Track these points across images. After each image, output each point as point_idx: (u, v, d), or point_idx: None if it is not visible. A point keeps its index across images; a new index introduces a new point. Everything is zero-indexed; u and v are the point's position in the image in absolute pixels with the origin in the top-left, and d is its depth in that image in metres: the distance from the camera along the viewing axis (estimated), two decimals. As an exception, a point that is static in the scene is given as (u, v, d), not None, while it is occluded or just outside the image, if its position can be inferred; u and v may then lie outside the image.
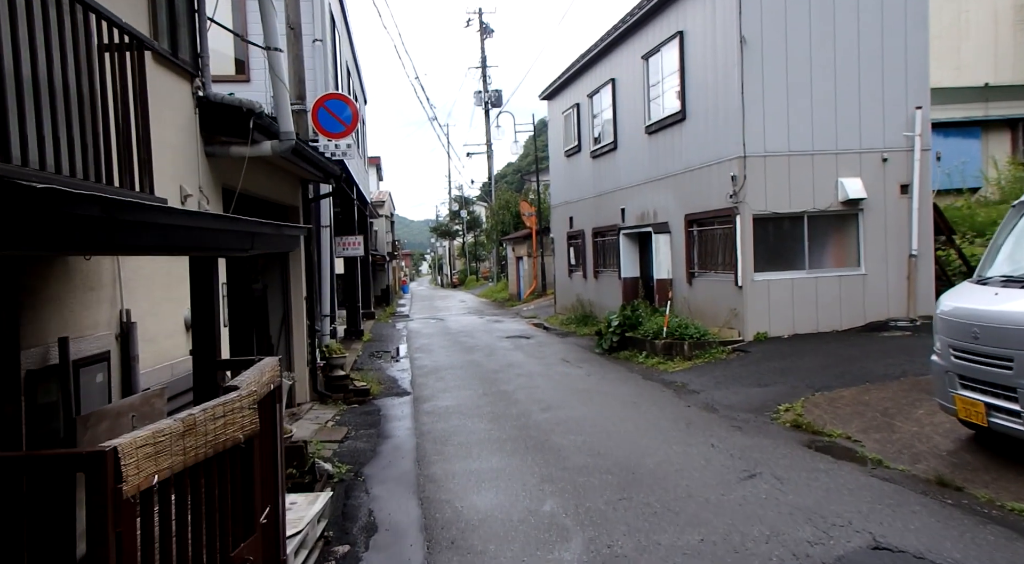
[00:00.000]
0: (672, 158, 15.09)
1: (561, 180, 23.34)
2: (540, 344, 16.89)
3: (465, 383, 11.87)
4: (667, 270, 15.41)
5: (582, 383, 11.32)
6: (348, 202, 18.78)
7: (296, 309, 10.41)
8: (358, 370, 13.72)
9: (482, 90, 43.40)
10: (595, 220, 19.96)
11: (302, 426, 9.06)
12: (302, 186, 10.62)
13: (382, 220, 43.88)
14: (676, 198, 14.99)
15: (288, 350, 10.42)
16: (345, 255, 18.70)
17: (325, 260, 12.04)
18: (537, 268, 31.12)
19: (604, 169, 19.19)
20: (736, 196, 12.57)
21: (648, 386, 10.76)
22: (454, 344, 17.67)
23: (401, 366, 14.35)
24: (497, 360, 14.35)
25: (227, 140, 6.77)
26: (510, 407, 9.70)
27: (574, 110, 21.26)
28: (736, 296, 12.77)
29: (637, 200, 17.02)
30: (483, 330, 21.04)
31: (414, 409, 10.06)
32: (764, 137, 12.47)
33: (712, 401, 9.27)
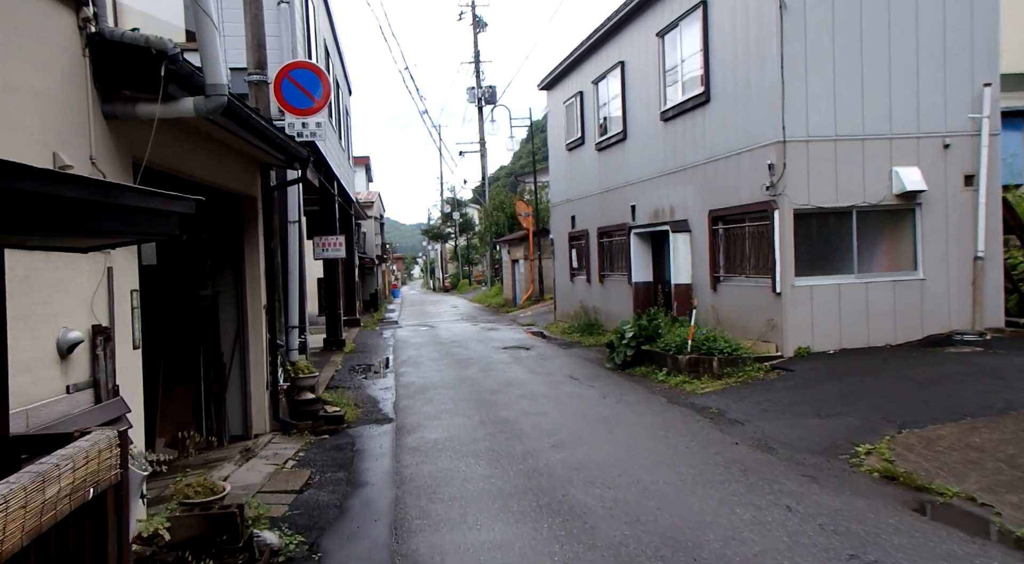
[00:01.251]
0: (692, 147, 13.31)
1: (562, 176, 21.55)
2: (541, 357, 15.07)
3: (458, 407, 10.04)
4: (687, 274, 13.63)
5: (596, 408, 9.50)
6: (328, 198, 16.94)
7: (253, 321, 8.57)
8: (334, 388, 11.87)
9: (475, 86, 41.65)
10: (601, 219, 18.17)
11: (253, 469, 7.21)
12: (262, 172, 8.79)
13: (371, 222, 42.04)
14: (697, 192, 13.21)
15: (243, 370, 8.58)
16: (325, 257, 16.87)
17: (293, 262, 10.21)
18: (534, 272, 29.31)
19: (611, 162, 17.40)
20: (774, 188, 10.80)
21: (677, 413, 8.95)
22: (445, 356, 15.83)
23: (385, 383, 12.50)
24: (494, 377, 12.52)
25: (134, 95, 4.95)
26: (513, 442, 7.87)
27: (577, 99, 19.47)
28: (773, 304, 10.99)
29: (650, 196, 15.23)
30: (477, 339, 19.20)
31: (396, 443, 8.23)
32: (807, 118, 10.71)
33: (764, 436, 7.47)
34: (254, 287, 8.58)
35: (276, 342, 8.92)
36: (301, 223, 10.52)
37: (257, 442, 8.33)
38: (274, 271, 9.08)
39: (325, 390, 11.64)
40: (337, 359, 15.39)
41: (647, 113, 15.20)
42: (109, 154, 4.93)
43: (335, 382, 12.61)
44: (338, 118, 18.51)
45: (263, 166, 8.79)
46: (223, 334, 8.58)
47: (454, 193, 68.35)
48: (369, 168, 53.55)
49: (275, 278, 9.12)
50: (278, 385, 8.83)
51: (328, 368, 13.97)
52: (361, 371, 14.05)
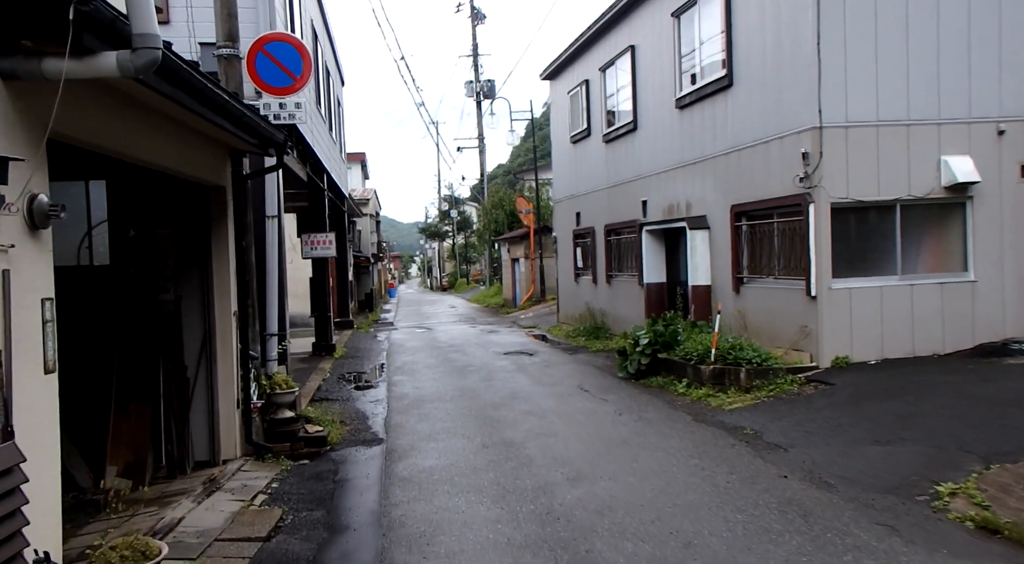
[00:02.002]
0: (712, 136, 12.20)
1: (566, 171, 20.43)
2: (546, 363, 13.95)
3: (456, 424, 8.92)
4: (705, 275, 12.52)
5: (614, 427, 8.39)
6: (317, 193, 15.81)
7: (222, 329, 7.45)
8: (319, 402, 10.75)
9: (473, 80, 40.49)
10: (608, 215, 17.05)
11: (214, 508, 6.09)
12: (232, 159, 7.66)
13: (366, 219, 40.92)
14: (718, 185, 12.09)
15: (210, 386, 7.45)
16: (314, 256, 15.75)
17: (271, 262, 9.08)
18: (535, 271, 28.20)
19: (620, 155, 16.29)
20: (808, 179, 9.69)
21: (707, 434, 7.83)
22: (443, 363, 14.71)
23: (375, 395, 11.37)
24: (496, 387, 11.40)
25: (39, 48, 3.81)
26: (521, 472, 6.75)
27: (582, 89, 18.35)
28: (807, 309, 9.88)
29: (664, 190, 14.12)
30: (476, 343, 18.08)
31: (385, 472, 7.10)
32: (846, 102, 9.60)
33: (815, 467, 6.36)
34: (223, 290, 7.45)
35: (249, 353, 7.79)
36: (281, 218, 9.40)
37: (225, 470, 7.20)
38: (247, 272, 7.95)
39: (309, 403, 10.52)
40: (326, 366, 14.27)
41: (660, 101, 14.08)
42: (8, 125, 3.80)
43: (321, 393, 11.48)
44: (328, 108, 17.38)
45: (234, 153, 7.66)
46: (187, 344, 7.45)
47: (452, 191, 67.31)
48: (365, 165, 52.41)
49: (248, 280, 7.99)
50: (251, 403, 7.70)
51: (315, 377, 12.84)
52: (351, 380, 12.92)
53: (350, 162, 47.98)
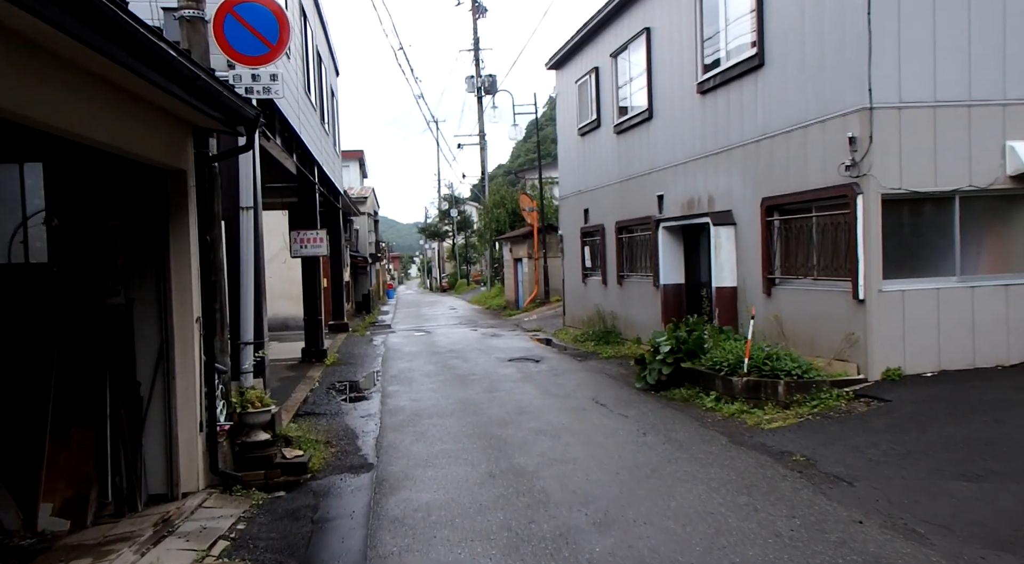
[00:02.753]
0: (740, 122, 11.07)
1: (573, 165, 19.29)
2: (555, 372, 12.81)
3: (458, 446, 7.78)
4: (731, 276, 11.39)
5: (640, 451, 7.25)
6: (307, 187, 14.69)
7: (183, 338, 6.32)
8: (304, 417, 9.62)
9: (474, 75, 39.35)
10: (620, 212, 15.92)
11: (161, 561, 4.95)
12: (196, 139, 6.53)
13: (364, 218, 39.80)
14: (746, 177, 10.97)
15: (168, 405, 6.32)
16: (304, 255, 14.65)
17: (246, 260, 7.95)
18: (539, 271, 27.07)
19: (633, 147, 15.16)
20: (856, 167, 8.56)
21: (750, 461, 6.70)
22: (442, 370, 13.57)
23: (368, 408, 10.24)
24: (501, 400, 10.27)
25: None
26: (537, 513, 5.62)
27: (591, 77, 17.22)
28: (853, 313, 8.76)
29: (683, 183, 12.99)
30: (478, 348, 16.94)
31: (373, 509, 5.97)
32: (899, 79, 8.47)
33: (894, 510, 5.22)
34: (183, 293, 6.32)
35: (216, 366, 6.66)
36: (258, 210, 8.27)
37: (183, 506, 6.06)
38: (214, 271, 6.82)
39: (293, 418, 9.39)
40: (315, 374, 13.13)
41: (679, 86, 12.95)
42: None
43: (307, 406, 10.34)
44: (320, 96, 16.26)
45: (198, 132, 6.53)
46: (140, 357, 6.32)
47: (452, 190, 66.18)
48: (363, 163, 51.27)
49: (216, 280, 6.86)
50: (217, 424, 6.56)
51: (301, 387, 11.71)
52: (341, 391, 11.78)
53: (347, 160, 46.87)
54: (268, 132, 9.68)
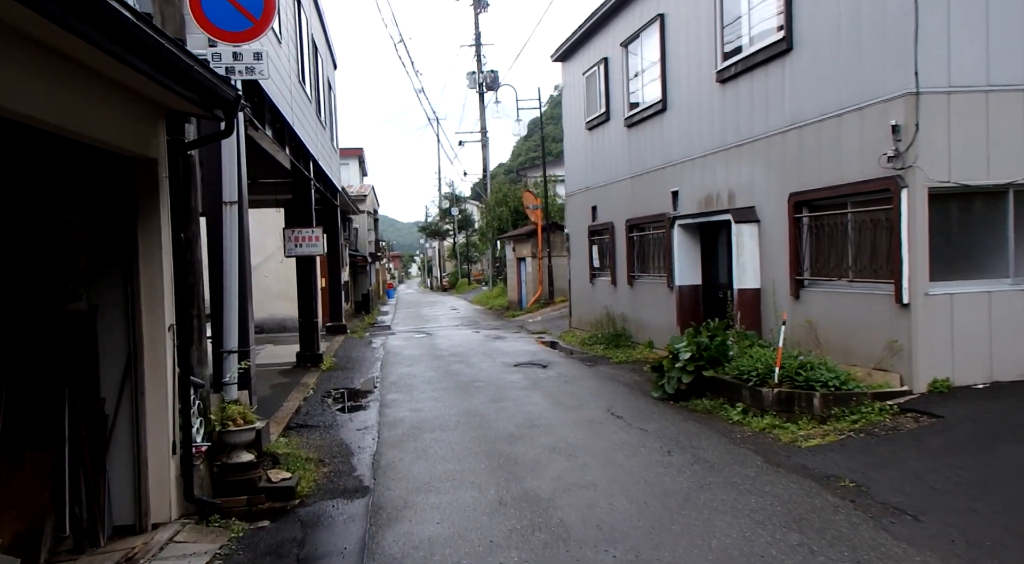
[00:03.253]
0: (764, 112, 10.32)
1: (580, 161, 18.53)
2: (564, 379, 12.06)
3: (463, 467, 7.03)
4: (754, 276, 10.64)
5: (667, 473, 6.50)
6: (302, 182, 13.93)
7: (153, 348, 5.58)
8: (296, 429, 8.88)
9: (476, 71, 38.57)
10: (631, 209, 15.17)
11: (116, 616, 4.20)
12: (170, 124, 5.77)
13: (363, 217, 39.05)
14: (771, 170, 10.22)
15: (136, 425, 5.58)
16: (298, 254, 13.90)
17: (230, 260, 7.18)
18: (543, 271, 26.31)
19: (646, 140, 14.40)
20: (900, 159, 7.80)
21: (793, 487, 5.95)
22: (445, 376, 12.81)
23: (365, 419, 9.49)
24: (509, 411, 9.52)
25: None
26: (557, 553, 4.86)
27: (600, 68, 16.45)
28: (895, 319, 8.00)
29: (700, 178, 12.24)
30: (482, 352, 16.18)
31: (368, 546, 5.21)
32: (948, 61, 7.71)
33: (982, 556, 4.47)
34: (154, 297, 5.57)
35: (192, 379, 5.92)
36: (243, 205, 7.51)
37: (151, 541, 5.31)
38: (191, 273, 6.08)
39: (283, 432, 8.64)
40: (310, 380, 12.37)
41: (696, 75, 12.19)
42: None
43: (299, 417, 9.59)
44: (317, 88, 15.50)
45: (172, 116, 5.78)
46: (104, 371, 5.57)
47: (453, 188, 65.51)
48: (363, 161, 50.48)
49: (193, 283, 6.12)
50: (193, 445, 5.81)
51: (295, 395, 10.95)
52: (337, 399, 11.03)
53: (347, 157, 46.08)
54: (257, 121, 8.93)
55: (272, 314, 23.29)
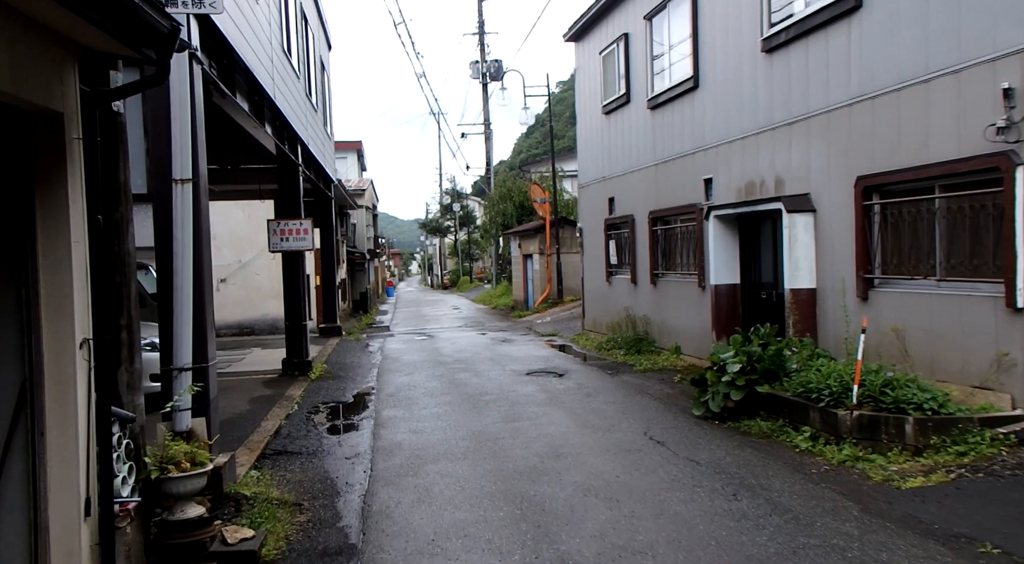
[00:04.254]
0: (823, 83, 8.84)
1: (595, 149, 17.03)
2: (585, 390, 10.58)
3: (477, 516, 5.54)
4: (809, 275, 9.16)
5: (742, 528, 5.02)
6: (288, 168, 12.45)
7: (57, 372, 4.10)
8: (273, 458, 7.40)
9: (479, 60, 37.04)
10: (654, 200, 13.68)
11: None
12: (85, 69, 4.29)
13: (362, 212, 37.60)
14: (833, 151, 8.73)
15: (33, 479, 4.09)
16: (284, 249, 12.44)
17: (183, 252, 5.69)
18: (551, 269, 24.82)
19: (673, 123, 12.90)
20: (1015, 130, 6.32)
21: (915, 554, 4.47)
22: (449, 387, 11.33)
23: (356, 444, 8.01)
24: (527, 434, 8.04)
25: None
26: None
27: (619, 46, 14.96)
28: (1006, 327, 6.52)
29: (739, 163, 10.75)
30: (489, 357, 14.71)
31: (350, 649, 3.74)
32: (1078, 9, 6.23)
33: None
34: (59, 302, 4.09)
35: (117, 411, 4.43)
36: (201, 183, 6.03)
37: (50, 641, 3.83)
38: (120, 269, 4.60)
39: (257, 461, 7.17)
40: (295, 392, 10.89)
41: (736, 46, 10.70)
42: None
43: (279, 441, 8.11)
44: (306, 65, 14.01)
45: (88, 58, 4.30)
46: (-10, 402, 4.09)
47: (454, 184, 63.98)
48: (362, 155, 49.02)
49: (122, 283, 4.63)
50: (117, 501, 4.33)
51: (276, 411, 9.48)
52: (325, 417, 9.55)
53: (345, 151, 44.62)
54: (225, 87, 7.43)
55: (264, 314, 21.83)
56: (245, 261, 22.24)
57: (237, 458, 7.14)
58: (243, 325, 22.85)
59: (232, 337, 21.15)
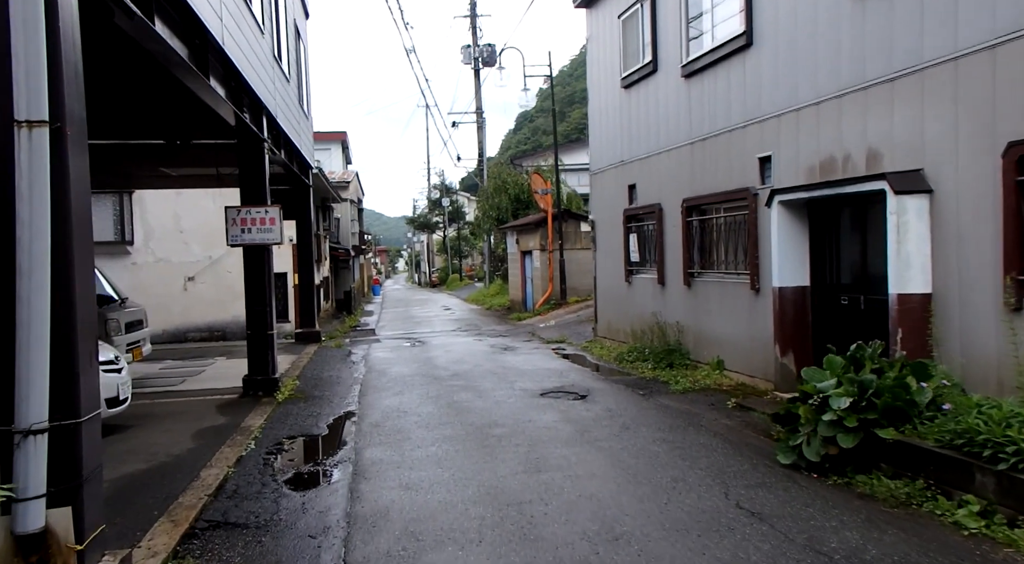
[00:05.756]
0: (938, 26, 6.69)
1: (612, 129, 14.83)
2: (621, 421, 8.40)
3: None
4: (922, 275, 7.01)
5: None
6: (251, 142, 10.20)
7: None
8: (205, 536, 5.18)
9: (471, 44, 34.80)
10: (689, 185, 11.52)
11: None
12: None
13: (347, 205, 35.29)
14: (959, 112, 6.58)
15: None
16: (246, 243, 10.22)
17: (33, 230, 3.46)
18: (554, 267, 22.62)
19: (716, 92, 10.73)
20: None
21: None
22: (447, 414, 9.12)
23: (324, 508, 5.78)
24: (563, 498, 5.83)
25: None
26: None
27: (643, 6, 12.78)
28: None
29: (812, 135, 8.59)
30: (492, 370, 12.50)
31: None
32: None
33: None
34: None
35: None
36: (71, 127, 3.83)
37: None
38: None
39: (177, 547, 4.93)
40: (255, 422, 8.64)
41: (809, -12, 8.55)
42: None
43: (220, 503, 5.87)
44: (275, 25, 11.74)
45: None
46: None
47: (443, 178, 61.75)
48: (346, 146, 46.53)
49: None
50: None
51: (226, 452, 7.23)
52: (287, 460, 7.31)
53: (329, 142, 42.20)
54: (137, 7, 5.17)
55: (236, 316, 19.50)
56: (216, 257, 19.97)
57: (154, 540, 4.93)
58: (213, 328, 20.62)
59: (198, 343, 18.88)
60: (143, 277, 19.59)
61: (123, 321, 11.46)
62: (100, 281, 12.41)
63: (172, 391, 10.95)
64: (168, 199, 19.55)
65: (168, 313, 19.47)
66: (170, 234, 19.89)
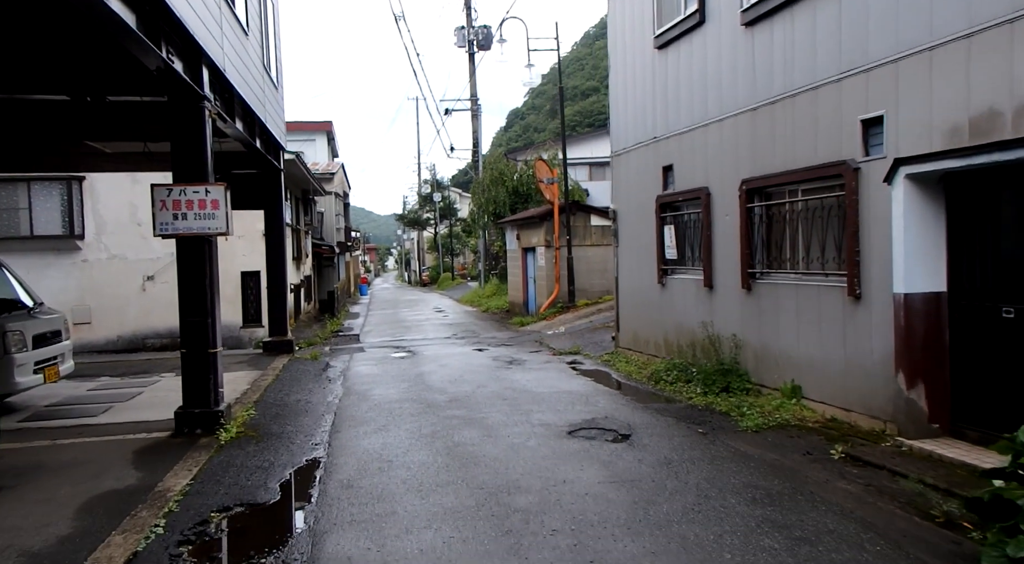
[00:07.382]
0: None
1: (640, 100, 12.37)
2: (688, 479, 5.96)
3: None
4: None
5: None
6: (186, 99, 7.70)
7: None
8: None
9: (465, 26, 32.29)
10: (750, 162, 9.10)
11: None
12: None
13: (331, 199, 32.77)
14: None
15: None
16: (178, 233, 7.73)
17: None
18: (560, 265, 20.16)
19: (793, 40, 8.30)
20: None
21: None
22: (448, 466, 6.64)
23: None
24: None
25: None
26: None
27: (687, -56, 10.35)
28: None
29: (950, 83, 6.16)
30: (500, 394, 10.03)
31: None
32: None
33: None
34: None
35: None
36: None
37: None
38: None
39: None
40: (176, 484, 6.12)
41: None
42: None
43: None
44: None
45: None
46: None
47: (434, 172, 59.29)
48: (332, 137, 43.87)
49: None
50: None
51: (114, 546, 4.71)
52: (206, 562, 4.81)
53: (313, 132, 39.61)
54: None
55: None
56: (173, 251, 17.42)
57: None
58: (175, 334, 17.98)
59: (158, 352, 16.31)
60: (95, 276, 17.05)
61: (29, 333, 8.96)
62: (6, 279, 9.90)
63: (87, 426, 8.45)
64: (123, 188, 16.96)
65: (123, 317, 16.96)
66: (126, 227, 17.26)
